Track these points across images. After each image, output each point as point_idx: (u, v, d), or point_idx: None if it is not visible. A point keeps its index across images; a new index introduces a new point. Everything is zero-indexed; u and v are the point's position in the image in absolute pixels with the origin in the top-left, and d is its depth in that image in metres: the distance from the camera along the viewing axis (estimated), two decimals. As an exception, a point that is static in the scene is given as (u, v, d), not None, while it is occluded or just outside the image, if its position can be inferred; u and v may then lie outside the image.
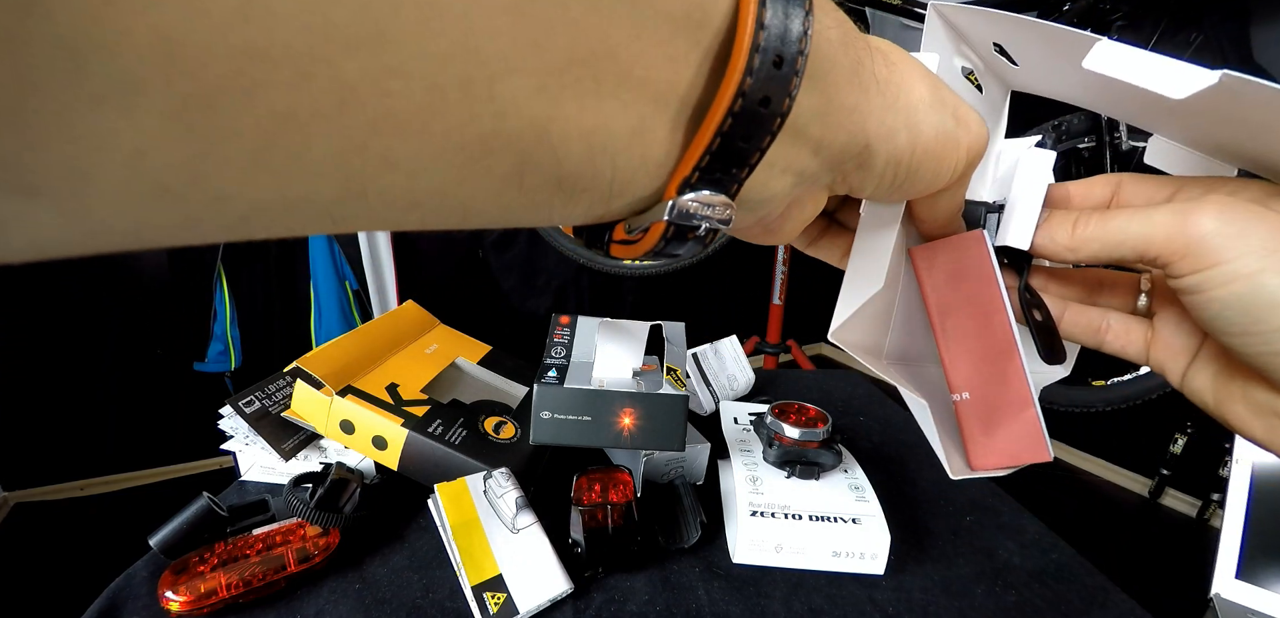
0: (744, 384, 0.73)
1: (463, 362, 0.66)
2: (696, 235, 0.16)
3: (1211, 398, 0.23)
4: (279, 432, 0.53)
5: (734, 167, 0.15)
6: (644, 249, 0.17)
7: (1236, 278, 0.19)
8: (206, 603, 0.39)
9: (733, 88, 0.14)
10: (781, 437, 0.51)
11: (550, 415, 0.42)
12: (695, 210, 0.15)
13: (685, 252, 0.17)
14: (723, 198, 0.16)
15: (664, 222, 0.15)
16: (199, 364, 1.60)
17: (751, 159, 0.15)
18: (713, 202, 0.15)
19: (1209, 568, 0.62)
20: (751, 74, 0.14)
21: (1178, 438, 1.61)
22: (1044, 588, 0.47)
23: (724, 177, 0.15)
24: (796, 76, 0.14)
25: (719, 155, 0.15)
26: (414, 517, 0.50)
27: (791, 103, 0.14)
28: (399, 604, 0.41)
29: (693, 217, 0.15)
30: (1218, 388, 0.23)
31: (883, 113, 0.18)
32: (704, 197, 0.15)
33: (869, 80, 0.17)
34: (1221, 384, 0.23)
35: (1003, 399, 0.26)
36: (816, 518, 0.46)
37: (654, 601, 0.43)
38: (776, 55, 0.14)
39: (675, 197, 0.15)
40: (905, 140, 0.19)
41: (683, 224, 0.16)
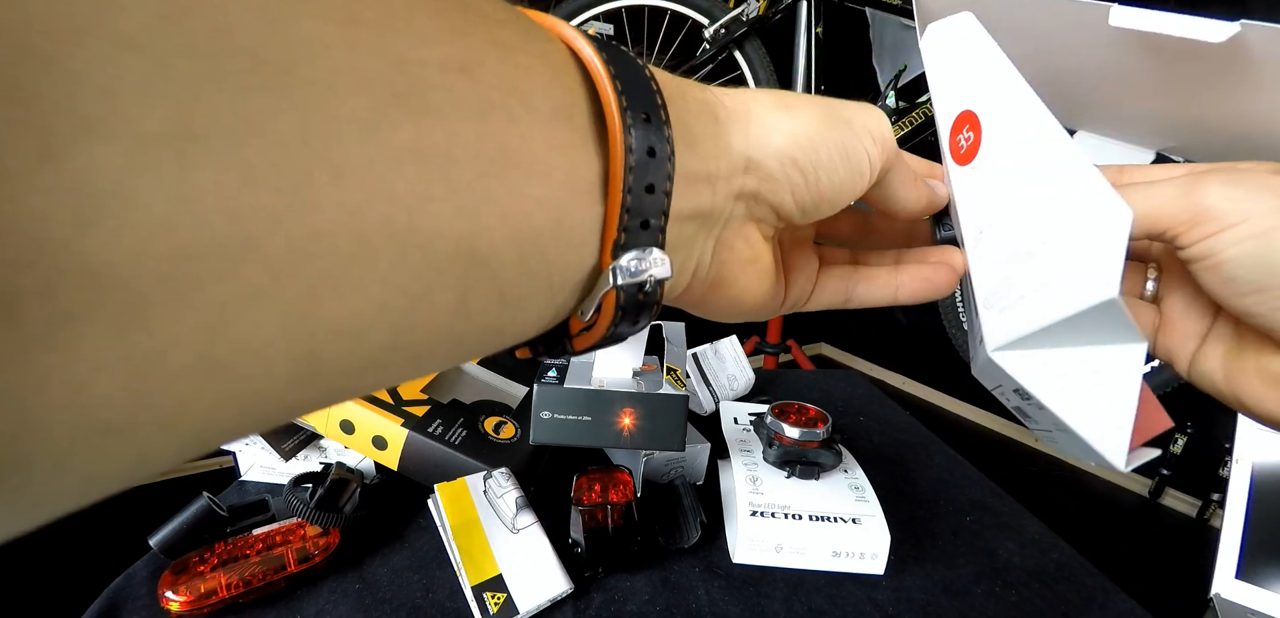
0: (744, 384, 0.73)
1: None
2: (646, 296, 0.17)
3: (1222, 378, 0.23)
4: (279, 432, 0.53)
5: (652, 216, 0.17)
6: (603, 329, 0.17)
7: (1247, 237, 0.19)
8: (206, 603, 0.39)
9: (620, 150, 0.16)
10: (781, 437, 0.51)
11: (550, 415, 0.42)
12: (636, 268, 0.16)
13: (644, 319, 0.18)
14: (657, 251, 0.17)
15: (613, 290, 0.16)
16: (199, 364, 1.60)
17: (665, 205, 0.17)
18: (648, 256, 0.17)
19: (1209, 568, 0.62)
20: (629, 130, 0.16)
21: (1178, 438, 1.61)
22: (1044, 588, 0.47)
23: (647, 230, 0.17)
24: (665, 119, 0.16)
25: (635, 210, 0.16)
26: (414, 517, 0.50)
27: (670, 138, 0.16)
28: (399, 604, 0.41)
29: (636, 274, 0.16)
30: (1229, 366, 0.23)
31: (744, 133, 0.20)
32: (639, 255, 0.16)
33: (717, 109, 0.20)
34: (1232, 361, 0.23)
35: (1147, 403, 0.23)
36: (816, 518, 0.46)
37: (654, 601, 0.43)
38: (643, 113, 0.16)
39: (613, 261, 0.16)
40: (784, 141, 0.20)
41: (630, 284, 0.16)
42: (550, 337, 0.18)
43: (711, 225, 0.20)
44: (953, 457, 0.66)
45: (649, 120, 0.16)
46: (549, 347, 0.19)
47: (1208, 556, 0.62)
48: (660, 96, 0.17)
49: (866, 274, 0.26)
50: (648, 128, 0.16)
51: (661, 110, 0.17)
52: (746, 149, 0.20)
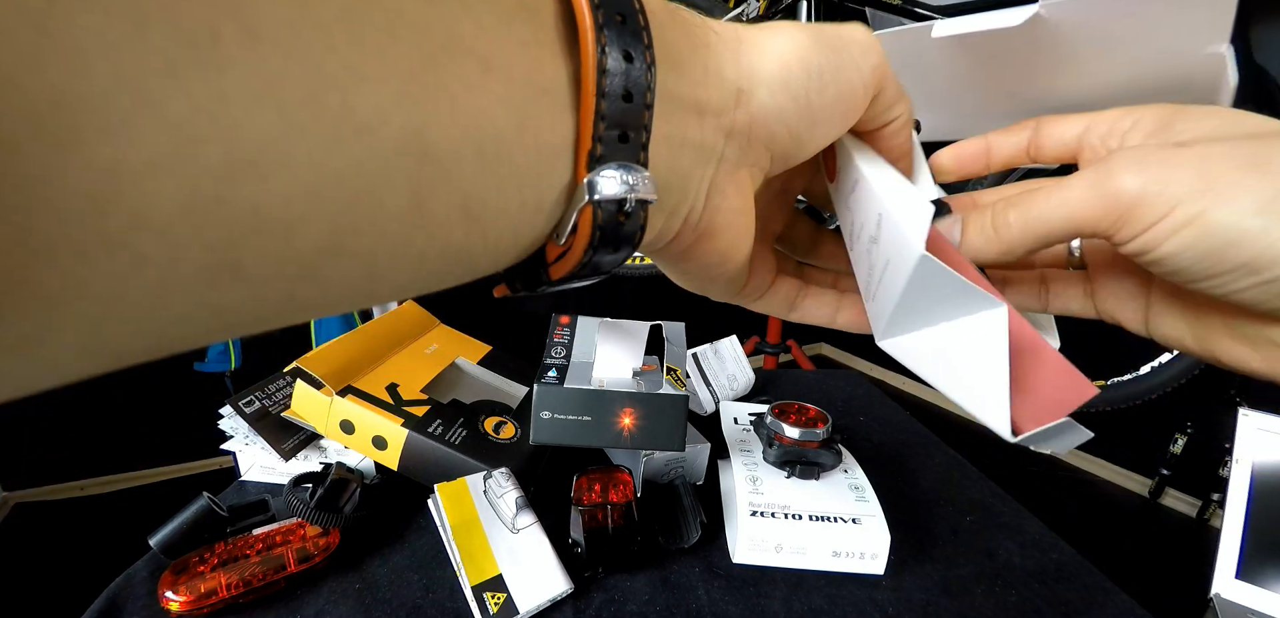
0: (744, 384, 0.73)
1: (463, 362, 0.66)
2: (626, 217, 0.16)
3: (1192, 338, 0.22)
4: (279, 432, 0.53)
5: (631, 129, 0.15)
6: (578, 254, 0.16)
7: (1179, 226, 0.18)
8: (206, 603, 0.39)
9: (591, 47, 0.14)
10: (781, 437, 0.51)
11: (550, 415, 0.42)
12: (614, 187, 0.15)
13: (624, 248, 0.17)
14: (638, 169, 0.15)
15: (589, 207, 0.15)
16: (199, 364, 1.60)
17: (643, 119, 0.15)
18: (629, 176, 0.15)
19: (1209, 568, 0.62)
20: (601, 28, 0.14)
21: (1178, 438, 1.61)
22: (1044, 588, 0.47)
23: (626, 144, 0.15)
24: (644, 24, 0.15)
25: (612, 119, 0.15)
26: (414, 517, 0.50)
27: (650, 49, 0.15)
28: (399, 604, 0.41)
29: (614, 195, 0.15)
30: (1195, 327, 0.21)
31: (736, 60, 0.19)
32: (618, 170, 0.15)
33: (707, 34, 0.18)
34: (1198, 323, 0.21)
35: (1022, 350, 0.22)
36: (816, 518, 0.46)
37: (654, 601, 0.43)
38: (617, 13, 0.15)
39: (588, 175, 0.15)
40: (774, 65, 0.19)
41: (608, 201, 0.15)
42: (526, 267, 0.17)
43: (705, 161, 0.19)
44: (953, 457, 0.66)
45: (624, 22, 0.15)
46: (526, 280, 0.17)
47: (1208, 556, 0.62)
48: (638, 1, 0.15)
49: (812, 292, 0.27)
50: (622, 29, 0.15)
51: (640, 14, 0.15)
52: (737, 77, 0.19)
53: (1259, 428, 0.64)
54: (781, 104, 0.19)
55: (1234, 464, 0.64)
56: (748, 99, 0.19)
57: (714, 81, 0.18)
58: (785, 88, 0.19)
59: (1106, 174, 0.19)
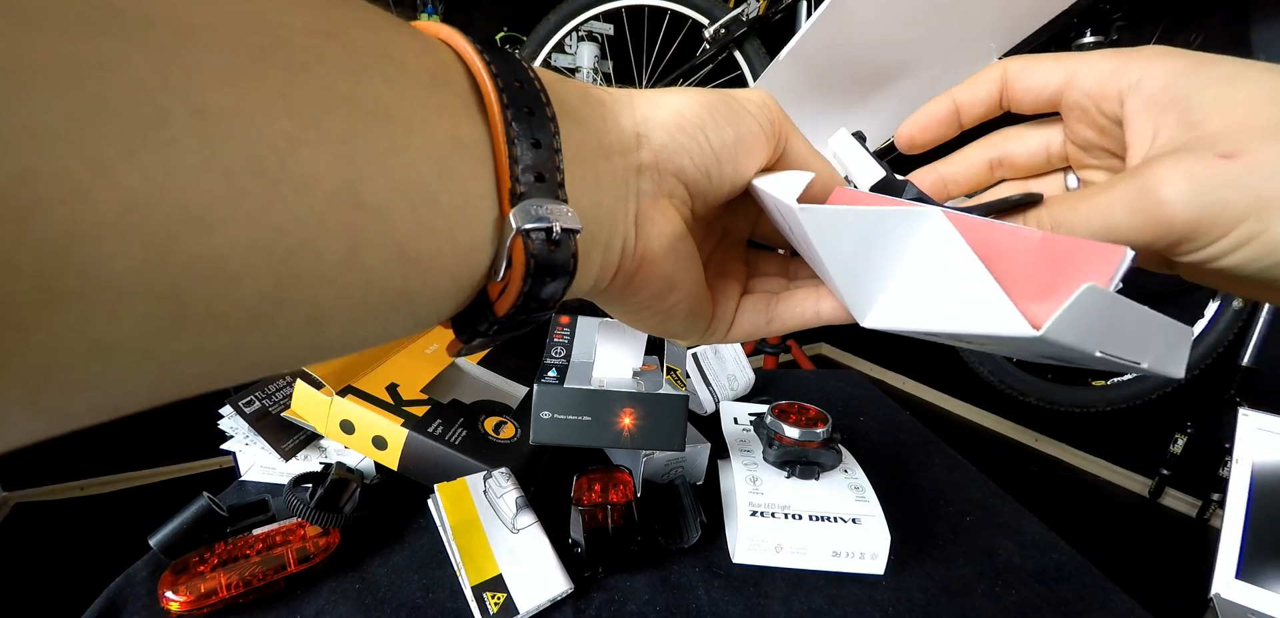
0: (744, 384, 0.73)
1: (463, 362, 0.66)
2: (556, 246, 0.17)
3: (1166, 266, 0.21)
4: (279, 432, 0.53)
5: (546, 171, 0.17)
6: (517, 285, 0.17)
7: (1241, 244, 0.17)
8: (206, 603, 0.39)
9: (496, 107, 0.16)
10: (781, 437, 0.51)
11: (550, 415, 0.42)
12: (537, 213, 0.16)
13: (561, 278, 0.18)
14: (559, 204, 0.17)
15: (519, 237, 0.16)
16: (199, 364, 1.60)
17: (556, 160, 0.17)
18: (551, 207, 0.17)
19: (1209, 568, 0.62)
20: (502, 90, 0.16)
21: (1178, 438, 1.61)
22: (1044, 588, 0.47)
23: (543, 183, 0.17)
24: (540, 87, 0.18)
25: (525, 164, 0.16)
26: (414, 517, 0.50)
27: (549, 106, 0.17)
28: (399, 604, 0.41)
29: (539, 220, 0.16)
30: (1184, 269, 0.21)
31: (630, 108, 0.21)
32: (540, 203, 0.17)
33: (598, 94, 0.21)
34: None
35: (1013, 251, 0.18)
36: (816, 518, 0.46)
37: (654, 601, 0.43)
38: (515, 81, 0.17)
39: (511, 209, 0.16)
40: (668, 113, 0.21)
41: (536, 230, 0.16)
42: (471, 310, 0.18)
43: (625, 194, 0.21)
44: (953, 457, 0.66)
45: (522, 88, 0.17)
46: (472, 322, 0.19)
47: (1208, 556, 0.62)
48: (531, 70, 0.18)
49: (787, 296, 0.26)
50: (521, 93, 0.17)
51: (535, 81, 0.18)
52: (634, 125, 0.21)
53: (1259, 428, 0.64)
54: (680, 142, 0.21)
55: (1234, 464, 0.64)
56: (647, 141, 0.21)
57: (613, 129, 0.20)
58: (681, 129, 0.21)
59: (1152, 194, 0.18)
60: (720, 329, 0.27)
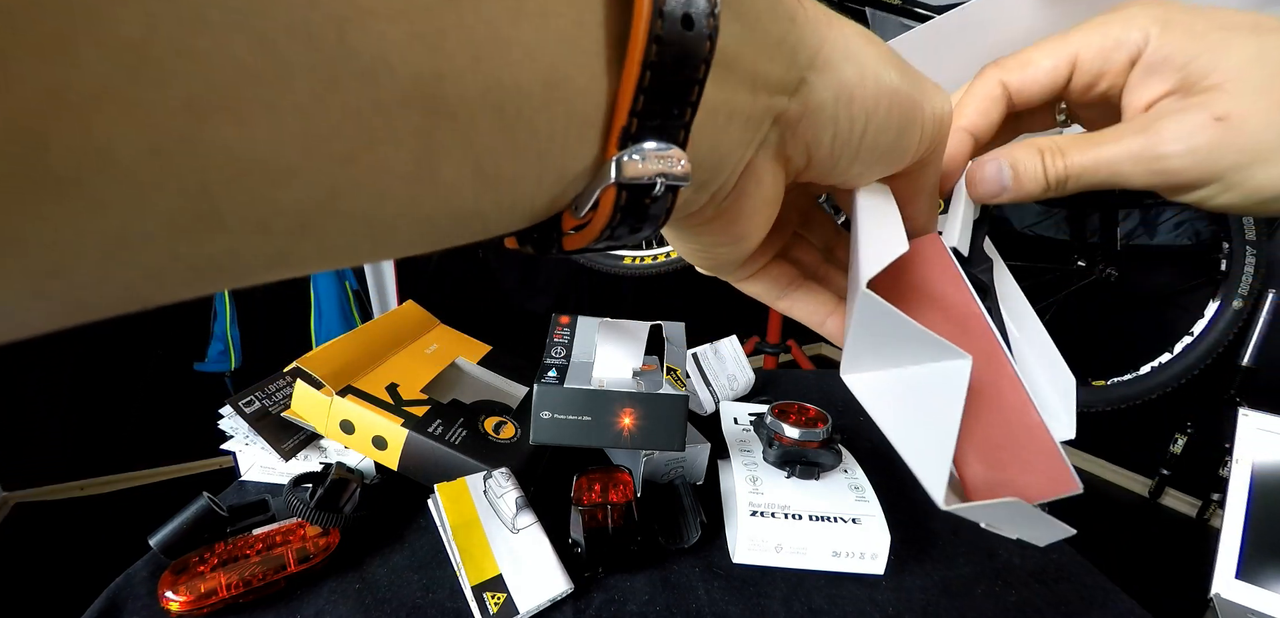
0: (744, 384, 0.73)
1: (463, 362, 0.66)
2: (653, 200, 0.14)
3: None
4: (279, 432, 0.53)
5: (675, 106, 0.13)
6: (597, 230, 0.15)
7: (1227, 189, 0.20)
8: (206, 603, 0.39)
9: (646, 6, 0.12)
10: (781, 437, 0.51)
11: (550, 415, 0.42)
12: (645, 167, 0.13)
13: (646, 227, 0.15)
14: (674, 149, 0.14)
15: (613, 188, 0.14)
16: (199, 364, 1.60)
17: (691, 94, 0.13)
18: (663, 154, 0.14)
19: (1209, 568, 0.62)
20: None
21: (1178, 438, 1.61)
22: (1044, 588, 0.47)
23: (667, 122, 0.14)
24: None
25: (654, 93, 0.13)
26: (414, 517, 0.50)
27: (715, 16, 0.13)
28: (399, 604, 0.41)
29: (643, 176, 0.13)
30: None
31: (817, 43, 0.17)
32: (652, 149, 0.13)
33: (794, 8, 0.16)
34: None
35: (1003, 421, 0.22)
36: (816, 518, 0.46)
37: (654, 601, 0.43)
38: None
39: (618, 153, 0.13)
40: (852, 73, 0.17)
41: (634, 186, 0.14)
42: (541, 230, 0.16)
43: (748, 142, 0.17)
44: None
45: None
46: (538, 242, 0.16)
47: (1208, 556, 0.62)
48: None
49: (806, 291, 0.25)
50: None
51: None
52: (811, 63, 0.17)
53: (1259, 428, 0.64)
54: (837, 115, 0.18)
55: (1234, 464, 0.64)
56: (809, 91, 0.17)
57: (784, 56, 0.16)
58: (850, 101, 0.18)
59: (1155, 149, 0.20)
60: (736, 276, 0.25)
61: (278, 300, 1.68)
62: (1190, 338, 1.29)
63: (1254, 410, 0.65)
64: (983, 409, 0.21)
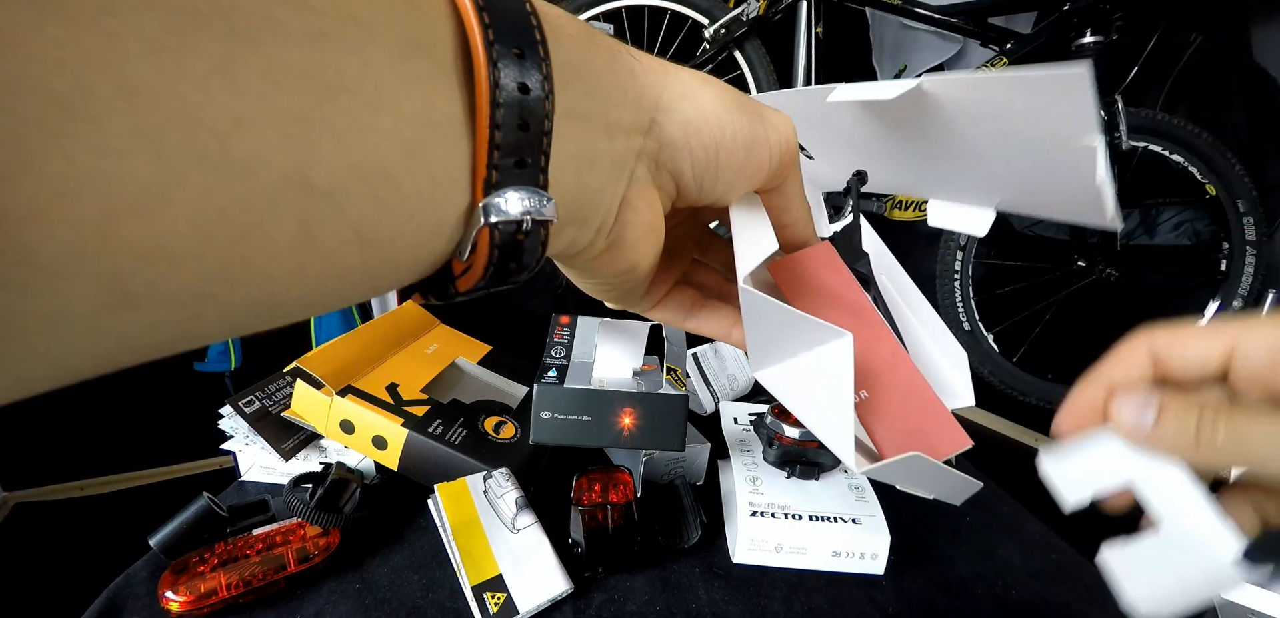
0: (744, 384, 0.73)
1: (463, 362, 0.66)
2: (526, 235, 0.16)
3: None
4: (279, 432, 0.53)
5: (528, 156, 0.16)
6: (479, 272, 0.17)
7: None
8: (206, 603, 0.39)
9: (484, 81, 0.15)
10: (781, 437, 0.51)
11: (550, 415, 0.42)
12: (511, 210, 0.16)
13: (526, 261, 0.17)
14: (537, 192, 0.16)
15: (486, 229, 0.16)
16: (199, 364, 1.60)
17: (542, 144, 0.16)
18: (527, 199, 0.16)
19: (1209, 568, 0.62)
20: (495, 65, 0.15)
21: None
22: (1044, 588, 0.47)
23: (523, 169, 0.16)
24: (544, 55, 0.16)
25: (506, 149, 0.15)
26: (414, 517, 0.50)
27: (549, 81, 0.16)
28: (399, 604, 0.41)
29: (508, 213, 0.16)
30: None
31: (657, 90, 0.20)
32: (515, 194, 0.16)
33: (630, 64, 0.19)
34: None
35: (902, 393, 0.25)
36: (816, 518, 0.46)
37: (654, 601, 0.43)
38: (515, 47, 0.15)
39: (484, 199, 0.15)
40: (691, 110, 0.20)
41: (505, 225, 0.16)
42: (434, 280, 0.18)
43: (617, 178, 0.19)
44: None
45: (522, 56, 0.15)
46: (434, 290, 0.18)
47: (1208, 556, 0.62)
48: (540, 32, 0.16)
49: (709, 309, 0.28)
50: (521, 63, 0.15)
51: (541, 46, 0.16)
52: (656, 107, 0.20)
53: (1259, 428, 0.64)
54: (690, 145, 0.21)
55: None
56: (659, 130, 0.20)
57: (629, 105, 0.19)
58: (697, 133, 0.21)
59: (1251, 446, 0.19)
60: (647, 306, 0.27)
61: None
62: (1190, 338, 1.29)
63: (1254, 411, 0.65)
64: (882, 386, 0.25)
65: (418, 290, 0.19)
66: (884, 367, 0.25)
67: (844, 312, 0.26)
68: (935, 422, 0.24)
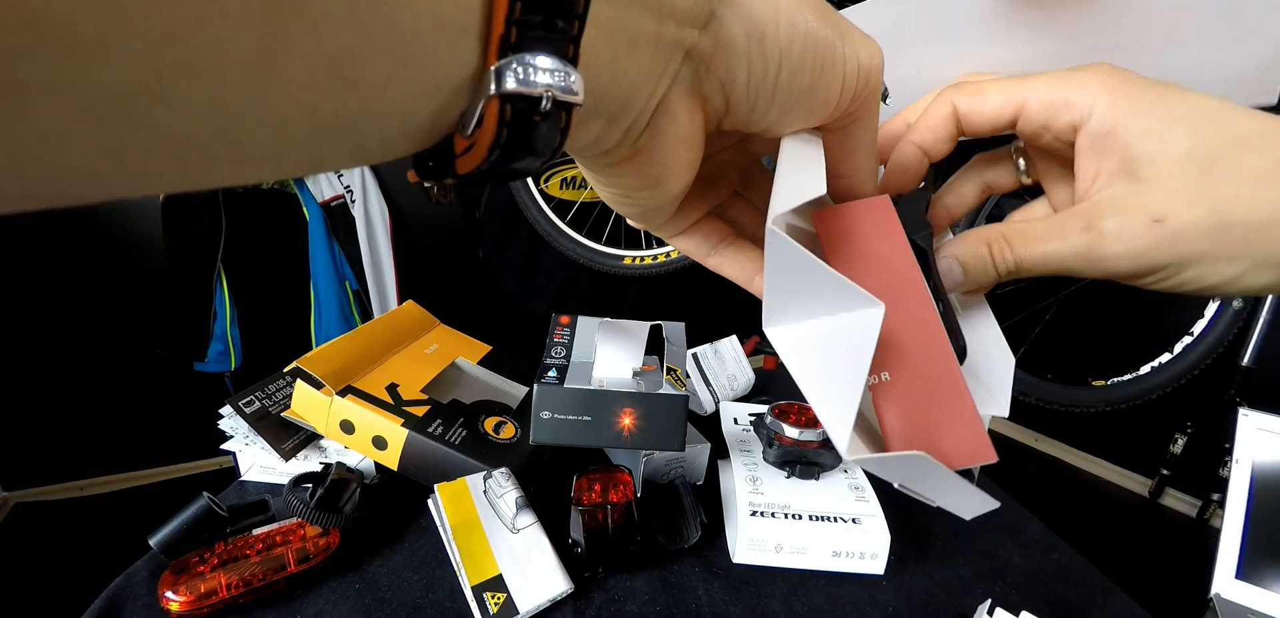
0: (744, 384, 0.73)
1: (463, 362, 0.66)
2: (543, 117, 0.13)
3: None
4: (279, 432, 0.53)
5: (559, 16, 0.12)
6: (481, 152, 0.14)
7: (1163, 281, 0.21)
8: (206, 603, 0.39)
9: None
10: (781, 437, 0.51)
11: (550, 415, 0.42)
12: (527, 82, 0.12)
13: (538, 148, 0.14)
14: (563, 65, 0.13)
15: (495, 100, 0.13)
16: (199, 364, 1.60)
17: (577, 5, 0.13)
18: (548, 70, 0.13)
19: (1209, 568, 0.62)
20: None
21: (1178, 438, 1.61)
22: (1044, 588, 0.47)
23: (551, 34, 0.12)
24: None
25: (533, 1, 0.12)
26: (414, 517, 0.50)
27: None
28: (399, 604, 0.41)
29: (527, 83, 0.12)
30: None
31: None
32: (539, 62, 0.12)
33: None
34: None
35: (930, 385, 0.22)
36: (816, 518, 0.46)
37: (654, 601, 0.43)
38: None
39: (496, 62, 0.12)
40: (764, 10, 0.16)
41: (519, 99, 0.13)
42: (434, 153, 0.15)
43: (656, 75, 0.16)
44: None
45: None
46: (435, 166, 0.15)
47: (1208, 556, 0.62)
48: None
49: (734, 248, 0.25)
50: None
51: None
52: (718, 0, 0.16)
53: (1259, 428, 0.64)
54: (750, 52, 0.17)
55: (1234, 464, 0.64)
56: (719, 24, 0.16)
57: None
58: (763, 39, 0.17)
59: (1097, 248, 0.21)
60: (670, 231, 0.24)
61: (278, 300, 1.68)
62: (1190, 338, 1.29)
63: (1254, 410, 0.65)
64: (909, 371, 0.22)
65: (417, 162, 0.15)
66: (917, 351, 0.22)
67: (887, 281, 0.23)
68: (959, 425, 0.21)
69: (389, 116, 0.12)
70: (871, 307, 0.19)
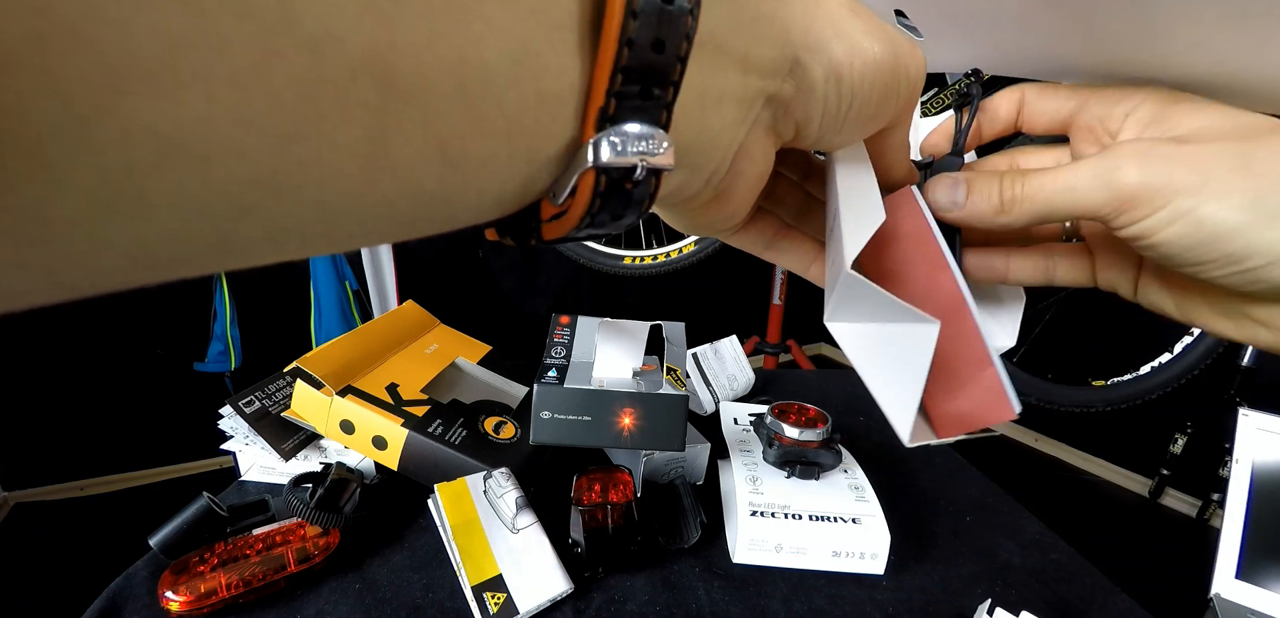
0: (744, 384, 0.73)
1: (463, 362, 0.66)
2: (635, 184, 0.13)
3: (1173, 307, 0.24)
4: (279, 432, 0.53)
5: (656, 86, 0.13)
6: (575, 218, 0.14)
7: (1174, 219, 0.19)
8: (206, 603, 0.39)
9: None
10: (781, 437, 0.51)
11: (550, 415, 0.42)
12: (625, 148, 0.13)
13: (630, 214, 0.15)
14: (657, 132, 0.13)
15: (591, 172, 0.13)
16: (199, 364, 1.60)
17: (673, 74, 0.13)
18: (644, 141, 0.13)
19: (1209, 568, 0.62)
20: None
21: (1178, 438, 1.61)
22: (1044, 588, 0.47)
23: (647, 102, 0.13)
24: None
25: (633, 72, 0.12)
26: (414, 517, 0.50)
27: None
28: (399, 604, 0.41)
29: (623, 156, 0.13)
30: (1178, 299, 0.23)
31: (807, 22, 0.16)
32: (633, 131, 0.13)
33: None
34: (1181, 295, 0.23)
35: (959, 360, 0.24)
36: (816, 518, 0.46)
37: (654, 601, 0.43)
38: None
39: (595, 136, 0.13)
40: (841, 51, 0.17)
41: (614, 170, 0.13)
42: (519, 218, 0.15)
43: (739, 123, 0.16)
44: (953, 457, 0.66)
45: None
46: (516, 230, 0.15)
47: (1208, 556, 0.62)
48: None
49: (792, 240, 0.26)
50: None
51: None
52: (803, 44, 0.16)
53: (1259, 428, 0.64)
54: (827, 93, 0.17)
55: (1234, 464, 0.64)
56: (802, 73, 0.17)
57: (774, 39, 0.16)
58: (839, 81, 0.17)
59: (1111, 166, 0.20)
60: (725, 234, 0.25)
61: (278, 300, 1.68)
62: (1190, 338, 1.29)
63: (1254, 410, 0.65)
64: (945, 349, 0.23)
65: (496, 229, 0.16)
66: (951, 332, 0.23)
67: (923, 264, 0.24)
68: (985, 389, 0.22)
69: (486, 191, 0.13)
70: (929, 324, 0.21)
